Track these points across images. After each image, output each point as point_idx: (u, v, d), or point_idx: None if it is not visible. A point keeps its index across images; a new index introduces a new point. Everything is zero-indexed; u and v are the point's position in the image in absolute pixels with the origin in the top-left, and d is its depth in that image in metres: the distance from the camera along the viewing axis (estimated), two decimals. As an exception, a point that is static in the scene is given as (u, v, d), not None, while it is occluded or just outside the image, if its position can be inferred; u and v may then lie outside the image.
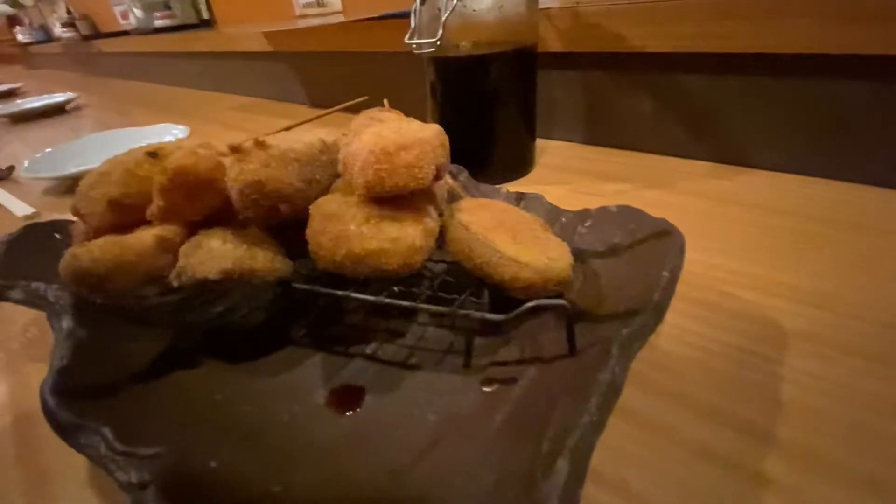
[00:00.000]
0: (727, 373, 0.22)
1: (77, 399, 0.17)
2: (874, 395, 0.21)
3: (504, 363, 0.21)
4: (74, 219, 0.33)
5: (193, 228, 0.23)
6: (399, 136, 0.21)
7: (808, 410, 0.20)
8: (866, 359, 0.22)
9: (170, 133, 0.69)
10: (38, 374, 0.28)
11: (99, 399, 0.18)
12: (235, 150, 0.20)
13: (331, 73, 0.81)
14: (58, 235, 0.32)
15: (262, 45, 0.89)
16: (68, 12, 2.04)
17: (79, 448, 0.16)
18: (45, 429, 0.24)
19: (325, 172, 0.24)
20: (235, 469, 0.16)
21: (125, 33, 1.63)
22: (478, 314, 0.21)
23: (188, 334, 0.25)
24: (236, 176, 0.20)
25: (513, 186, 0.39)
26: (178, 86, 1.33)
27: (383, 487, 0.16)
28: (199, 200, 0.21)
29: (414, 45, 0.39)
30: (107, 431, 0.16)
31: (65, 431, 0.16)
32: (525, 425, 0.17)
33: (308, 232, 0.21)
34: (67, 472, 0.21)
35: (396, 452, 0.18)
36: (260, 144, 0.20)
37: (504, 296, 0.22)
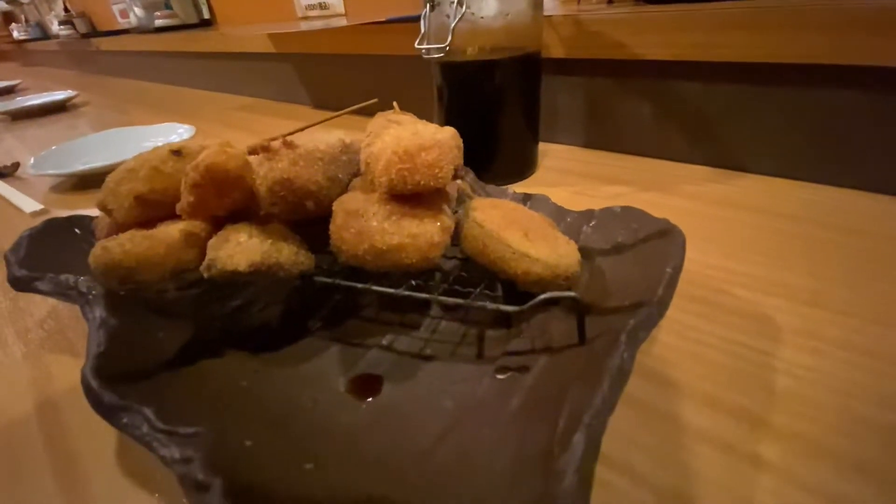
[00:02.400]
0: (725, 365, 0.24)
1: (115, 382, 0.18)
2: (863, 386, 0.22)
3: (516, 353, 0.23)
4: (92, 214, 0.34)
5: (218, 224, 0.24)
6: (419, 138, 0.22)
7: (800, 399, 0.22)
8: (856, 352, 0.24)
9: (175, 132, 0.70)
10: (58, 364, 0.29)
11: (135, 383, 0.19)
12: (264, 149, 0.21)
13: (334, 75, 0.82)
14: (77, 230, 0.33)
15: (265, 46, 0.90)
16: (66, 10, 2.04)
17: (121, 427, 0.17)
18: (69, 415, 0.25)
19: (345, 171, 0.25)
20: (269, 448, 0.17)
21: (124, 32, 1.63)
22: (493, 305, 0.22)
23: (209, 326, 0.26)
24: (266, 173, 0.21)
25: (516, 188, 0.41)
26: (178, 85, 1.33)
27: (410, 466, 0.17)
28: (228, 197, 0.22)
29: (423, 51, 0.40)
30: (148, 412, 0.17)
31: (108, 412, 0.17)
32: (539, 408, 0.18)
33: (332, 227, 0.23)
34: (96, 456, 0.22)
35: (418, 436, 0.19)
36: (288, 144, 0.21)
37: (515, 291, 0.24)
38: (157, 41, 1.30)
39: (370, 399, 0.22)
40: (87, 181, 0.59)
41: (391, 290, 0.23)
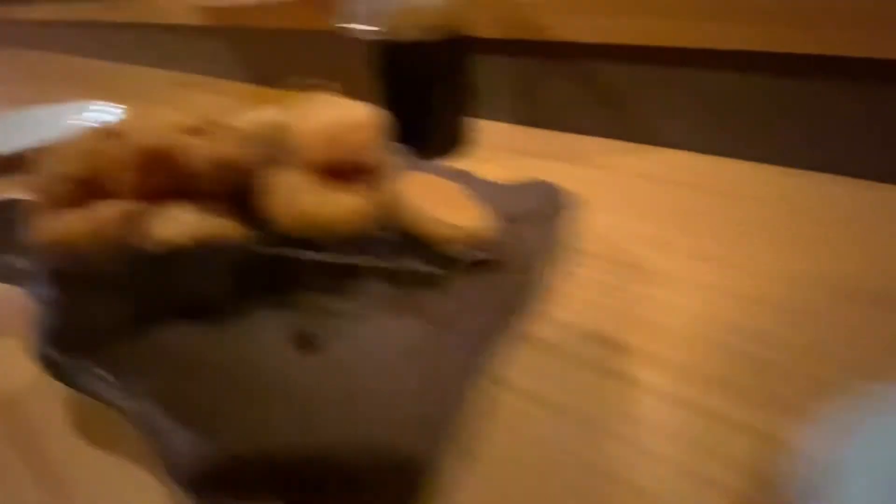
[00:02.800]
0: (616, 308, 0.28)
1: (68, 350, 0.20)
2: (733, 322, 0.27)
3: (442, 310, 0.26)
4: (17, 198, 0.33)
5: (155, 202, 0.26)
6: (345, 116, 0.24)
7: (676, 332, 0.26)
8: (728, 295, 0.29)
9: (99, 110, 0.67)
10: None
11: (87, 350, 0.21)
12: (198, 128, 0.23)
13: (267, 51, 0.81)
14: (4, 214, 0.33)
15: (197, 18, 0.87)
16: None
17: (79, 389, 0.19)
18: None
19: (279, 149, 0.26)
20: (221, 402, 0.20)
21: (32, -1, 1.49)
22: (423, 268, 0.25)
23: (153, 298, 0.28)
24: (201, 152, 0.22)
25: (446, 163, 0.43)
26: (102, 59, 1.25)
27: (356, 408, 0.20)
28: (164, 176, 0.23)
29: (356, 30, 0.42)
30: (102, 372, 0.18)
31: (64, 375, 0.19)
32: (459, 345, 0.21)
33: (266, 201, 0.24)
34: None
35: (361, 382, 0.22)
36: (222, 123, 0.23)
37: (439, 255, 0.27)
38: (72, 10, 1.20)
39: (311, 356, 0.24)
40: (3, 164, 0.56)
41: (325, 258, 0.26)
